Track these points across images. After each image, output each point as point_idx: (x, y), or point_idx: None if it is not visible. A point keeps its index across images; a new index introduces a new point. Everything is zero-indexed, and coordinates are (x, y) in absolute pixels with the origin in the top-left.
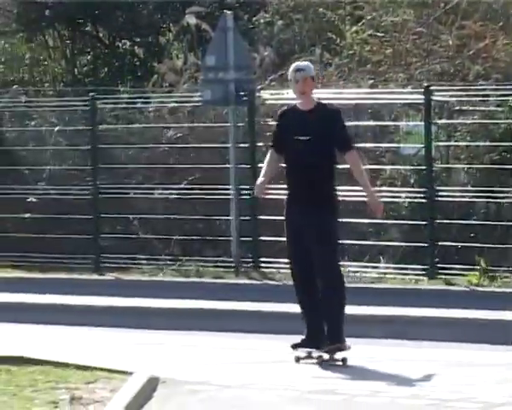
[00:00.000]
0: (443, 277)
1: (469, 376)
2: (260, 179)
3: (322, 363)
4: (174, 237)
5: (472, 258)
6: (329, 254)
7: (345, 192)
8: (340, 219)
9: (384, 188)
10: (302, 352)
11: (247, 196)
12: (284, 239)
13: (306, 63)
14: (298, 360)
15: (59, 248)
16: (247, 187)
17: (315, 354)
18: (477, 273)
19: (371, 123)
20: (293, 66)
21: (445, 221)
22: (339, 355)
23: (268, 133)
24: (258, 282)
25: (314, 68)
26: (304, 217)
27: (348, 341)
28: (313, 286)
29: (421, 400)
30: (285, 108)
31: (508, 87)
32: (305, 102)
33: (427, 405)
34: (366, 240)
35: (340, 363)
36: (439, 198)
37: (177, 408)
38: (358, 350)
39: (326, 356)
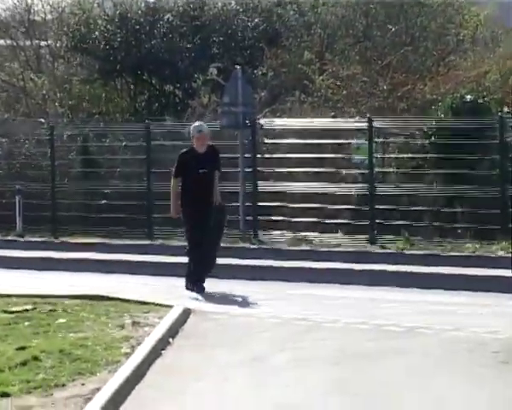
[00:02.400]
0: (380, 243)
1: (397, 308)
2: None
3: None
4: None
5: (399, 231)
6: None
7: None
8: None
9: (341, 184)
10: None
11: (250, 189)
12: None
13: (202, 124)
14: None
15: (124, 223)
16: (250, 184)
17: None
18: (402, 241)
19: (333, 141)
20: (194, 126)
21: (381, 207)
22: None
23: (264, 148)
24: (256, 246)
25: (293, 106)
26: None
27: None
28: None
29: (366, 325)
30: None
31: (422, 118)
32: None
33: (369, 328)
34: (329, 219)
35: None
36: (377, 192)
37: (204, 329)
38: (322, 291)
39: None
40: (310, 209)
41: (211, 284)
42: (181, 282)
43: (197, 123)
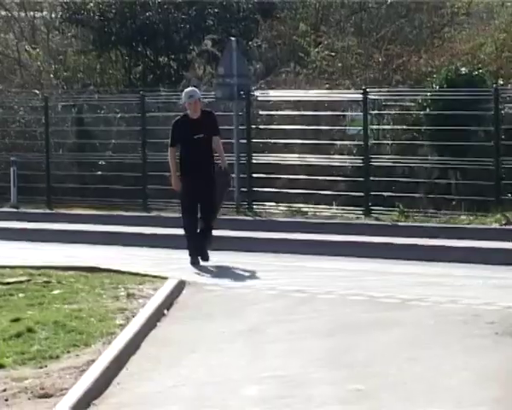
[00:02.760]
0: (374, 215)
1: (391, 280)
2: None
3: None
4: None
5: (393, 203)
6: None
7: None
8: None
9: (336, 156)
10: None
11: (244, 161)
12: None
13: (193, 89)
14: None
15: (119, 195)
16: (245, 154)
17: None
18: (397, 213)
19: (328, 113)
20: (185, 92)
21: (376, 179)
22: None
23: (259, 120)
24: (251, 218)
25: (288, 78)
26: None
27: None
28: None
29: (360, 297)
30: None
31: (417, 90)
32: (196, 114)
33: (363, 300)
34: (323, 190)
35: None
36: (372, 163)
37: (199, 300)
38: (316, 263)
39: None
40: (304, 181)
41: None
42: (176, 254)
43: (188, 89)
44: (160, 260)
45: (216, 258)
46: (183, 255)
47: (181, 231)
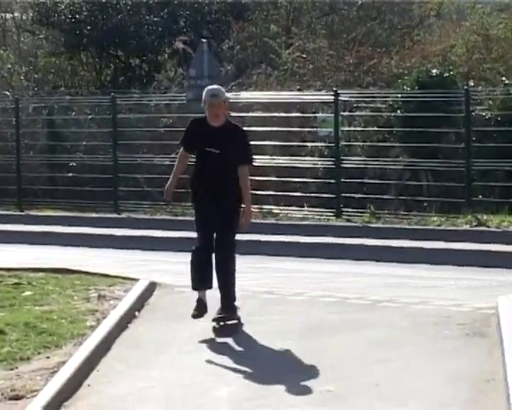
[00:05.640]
0: (346, 217)
1: (362, 282)
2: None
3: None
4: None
5: (365, 205)
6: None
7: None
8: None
9: (307, 158)
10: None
11: None
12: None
13: (219, 88)
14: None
15: (90, 196)
16: None
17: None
18: (368, 215)
19: (299, 115)
20: (207, 89)
21: (347, 180)
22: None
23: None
24: None
25: (259, 79)
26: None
27: None
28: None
29: (331, 298)
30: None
31: (388, 91)
32: (217, 121)
33: (334, 301)
34: (295, 192)
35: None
36: (343, 165)
37: (170, 302)
38: (287, 264)
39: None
40: (275, 182)
41: (177, 259)
42: (147, 255)
43: (212, 86)
44: (130, 261)
45: (186, 259)
46: (153, 257)
47: (152, 232)
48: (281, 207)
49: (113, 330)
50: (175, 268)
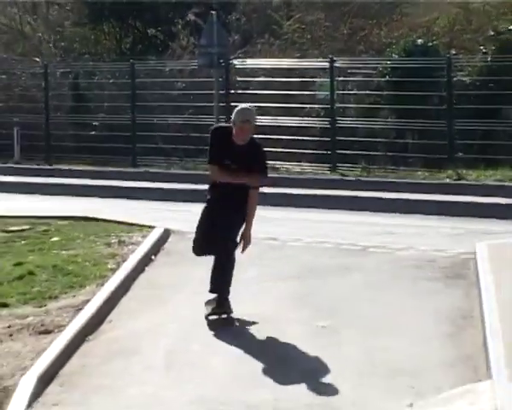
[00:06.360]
0: (340, 171)
1: (354, 229)
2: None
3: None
4: (181, 147)
5: (357, 160)
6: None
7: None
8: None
9: (305, 118)
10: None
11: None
12: None
13: (250, 109)
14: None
15: (111, 152)
16: (224, 117)
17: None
18: (360, 169)
19: (298, 79)
20: (237, 111)
21: (341, 138)
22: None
23: (237, 85)
24: None
25: (263, 48)
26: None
27: None
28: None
29: (326, 244)
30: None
31: (378, 59)
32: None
33: (329, 247)
34: (294, 149)
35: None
36: (338, 125)
37: (183, 247)
38: (287, 214)
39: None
40: (277, 140)
41: (183, 207)
42: (162, 205)
43: (243, 106)
44: (147, 210)
45: (193, 209)
46: (168, 207)
47: (167, 185)
48: (281, 162)
49: (132, 272)
50: (187, 217)
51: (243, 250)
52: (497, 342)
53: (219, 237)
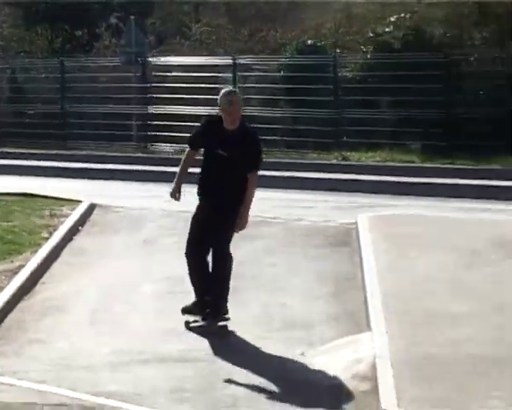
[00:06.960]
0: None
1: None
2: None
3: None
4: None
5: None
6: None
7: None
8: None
9: (215, 108)
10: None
11: (144, 111)
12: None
13: (235, 91)
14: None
15: (44, 137)
16: (145, 106)
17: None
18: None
19: (207, 74)
20: (223, 93)
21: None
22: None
23: (154, 80)
24: (146, 155)
25: (175, 47)
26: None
27: None
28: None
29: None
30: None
31: (274, 57)
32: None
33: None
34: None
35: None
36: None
37: (107, 219)
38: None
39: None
40: (191, 127)
41: (109, 185)
42: (92, 184)
43: (228, 88)
44: (77, 188)
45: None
46: (94, 185)
47: (94, 165)
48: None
49: (62, 240)
50: (110, 193)
51: (237, 229)
52: (375, 301)
53: (216, 248)
